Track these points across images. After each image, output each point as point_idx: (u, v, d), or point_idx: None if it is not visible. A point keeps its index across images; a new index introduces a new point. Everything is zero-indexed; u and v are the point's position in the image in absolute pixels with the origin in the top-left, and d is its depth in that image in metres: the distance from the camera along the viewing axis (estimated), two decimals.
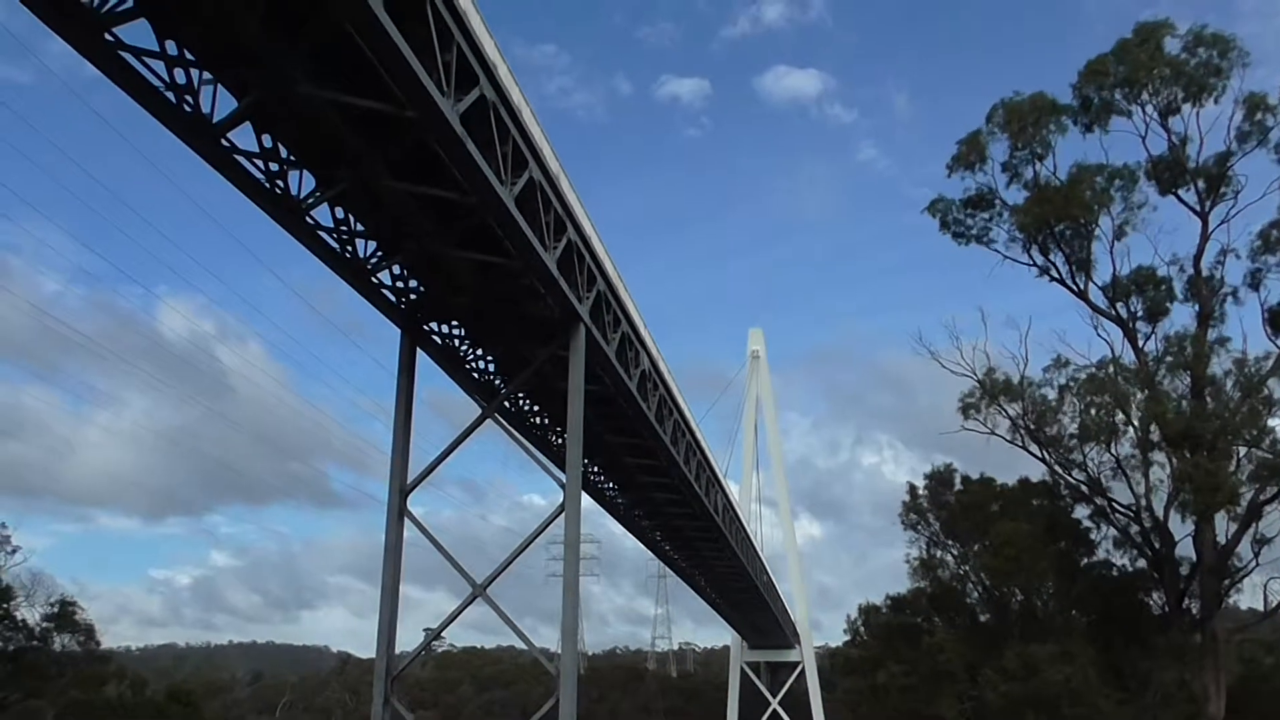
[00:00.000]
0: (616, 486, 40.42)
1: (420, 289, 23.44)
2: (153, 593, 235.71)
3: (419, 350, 24.61)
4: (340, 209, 19.67)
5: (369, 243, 20.97)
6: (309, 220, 18.96)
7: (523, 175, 18.64)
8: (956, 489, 54.09)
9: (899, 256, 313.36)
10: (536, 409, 30.87)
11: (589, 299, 23.44)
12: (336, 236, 20.03)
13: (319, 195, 18.52)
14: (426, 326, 24.75)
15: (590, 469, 36.62)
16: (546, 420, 31.30)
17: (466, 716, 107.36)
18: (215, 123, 15.73)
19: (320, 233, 19.52)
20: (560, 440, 30.61)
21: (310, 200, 18.45)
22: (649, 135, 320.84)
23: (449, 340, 25.68)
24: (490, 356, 27.12)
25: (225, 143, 16.40)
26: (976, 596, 53.34)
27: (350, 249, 20.60)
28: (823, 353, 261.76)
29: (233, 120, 16.00)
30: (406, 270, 22.76)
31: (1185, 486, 39.15)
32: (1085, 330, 45.25)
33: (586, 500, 36.89)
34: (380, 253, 21.37)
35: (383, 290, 22.64)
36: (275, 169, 17.58)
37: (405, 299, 23.49)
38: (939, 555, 54.12)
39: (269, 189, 17.69)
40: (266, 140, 17.15)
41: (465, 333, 25.81)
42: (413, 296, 23.53)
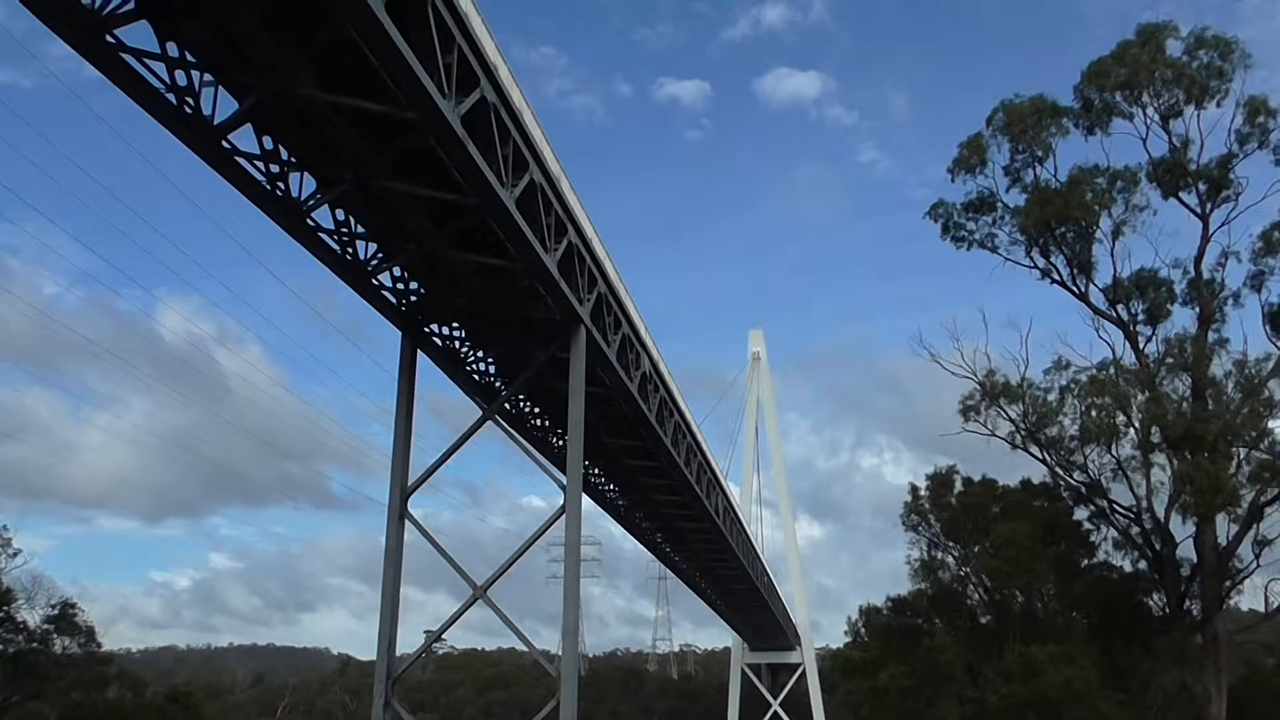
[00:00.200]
0: (617, 488, 40.39)
1: (421, 290, 23.44)
2: (153, 595, 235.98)
3: (419, 352, 24.61)
4: (341, 211, 19.70)
5: (370, 244, 20.99)
6: (310, 222, 18.98)
7: (523, 177, 18.65)
8: (957, 490, 53.98)
9: (899, 258, 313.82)
10: (537, 411, 30.86)
11: (590, 300, 23.44)
12: (337, 238, 20.04)
13: (320, 197, 18.53)
14: (427, 328, 24.75)
15: (591, 471, 36.62)
16: (547, 422, 31.29)
17: (467, 718, 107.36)
18: (216, 124, 15.72)
19: (321, 234, 19.54)
20: (561, 442, 30.59)
21: (311, 202, 18.46)
22: (649, 137, 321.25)
23: (449, 342, 25.68)
24: (491, 358, 27.12)
25: (226, 144, 16.41)
26: (977, 598, 53.21)
27: (351, 251, 20.61)
28: (823, 354, 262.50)
29: (234, 122, 16.00)
30: (407, 272, 22.78)
31: (1186, 488, 39.11)
32: (1086, 332, 45.20)
33: (587, 502, 36.92)
34: (381, 254, 21.38)
35: (383, 292, 22.65)
36: (276, 171, 17.59)
37: (406, 300, 23.49)
38: (940, 557, 53.99)
39: (270, 191, 17.70)
40: (267, 142, 17.16)
41: (466, 334, 25.81)
42: (413, 298, 23.53)
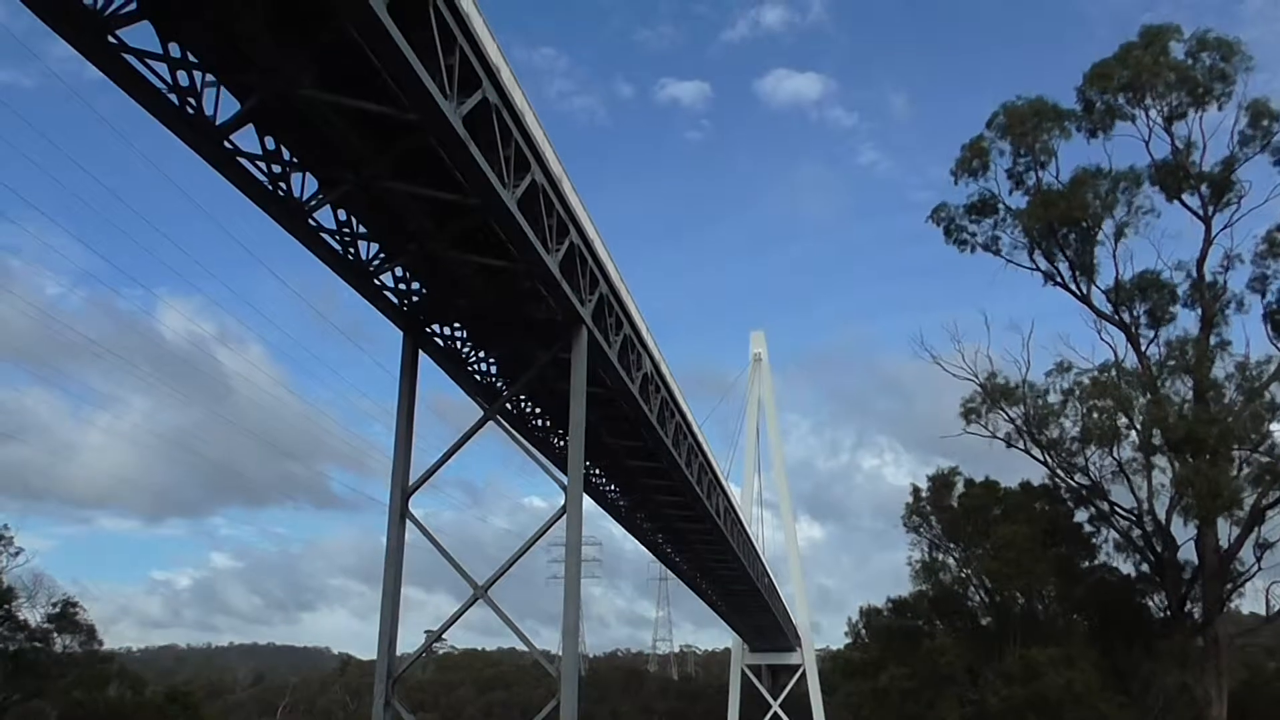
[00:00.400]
0: (618, 489, 40.40)
1: (422, 291, 23.45)
2: (153, 594, 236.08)
3: (421, 352, 24.62)
4: (343, 211, 19.71)
5: (371, 245, 21.00)
6: (311, 222, 18.99)
7: (525, 177, 18.66)
8: (958, 492, 53.95)
9: (900, 259, 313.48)
10: (538, 411, 30.87)
11: (591, 301, 23.45)
12: (339, 238, 20.05)
13: (321, 197, 18.54)
14: (428, 328, 24.76)
15: (592, 471, 36.62)
16: (548, 422, 31.29)
17: (467, 718, 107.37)
18: (218, 125, 15.73)
19: (323, 234, 19.55)
20: (562, 442, 30.60)
21: (313, 202, 18.48)
22: (649, 138, 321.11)
23: (451, 342, 25.69)
24: (492, 358, 27.12)
25: (228, 145, 16.42)
26: (978, 600, 53.16)
27: (353, 251, 20.62)
28: (823, 355, 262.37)
29: (236, 122, 16.01)
30: (409, 272, 22.79)
31: (1187, 491, 39.09)
32: (1088, 334, 45.24)
33: (588, 502, 36.92)
34: (382, 255, 21.39)
35: (385, 292, 22.66)
36: (278, 171, 17.61)
37: (407, 301, 23.49)
38: (941, 558, 53.95)
39: (272, 191, 17.71)
40: (269, 142, 17.18)
41: (467, 335, 25.81)
42: (415, 298, 23.54)
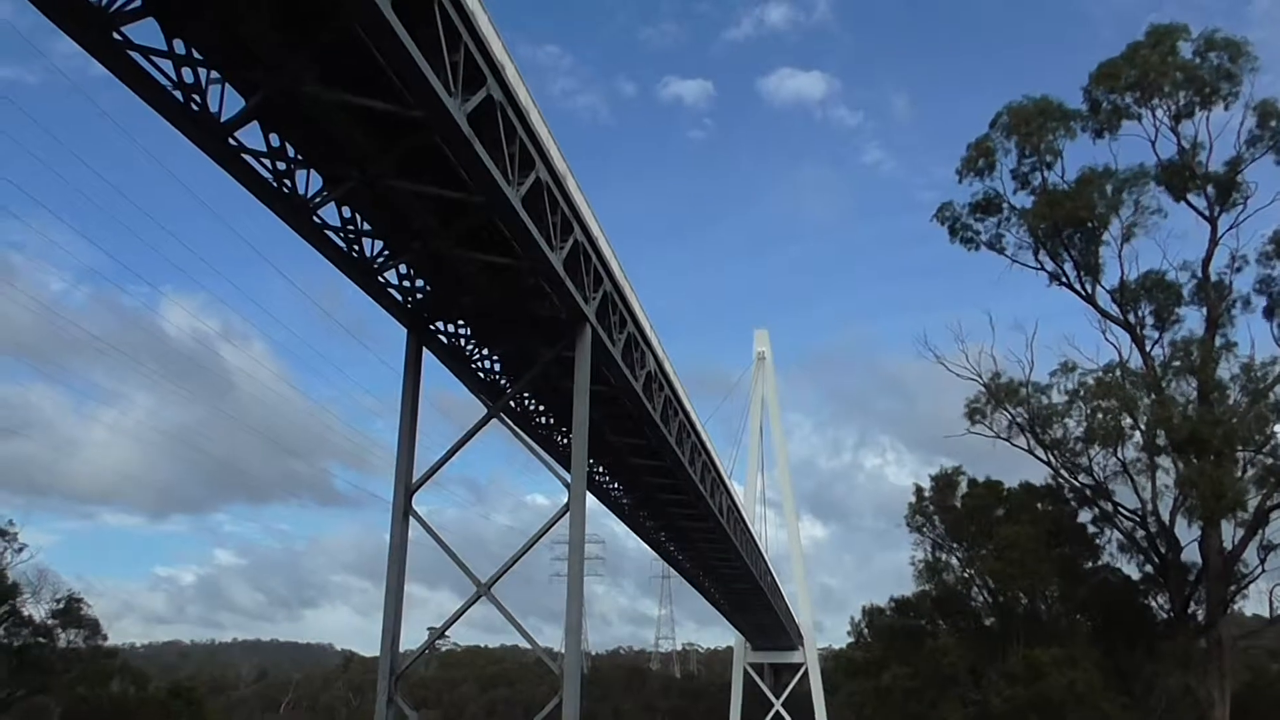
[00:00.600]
0: (621, 486, 40.42)
1: (426, 288, 23.46)
2: (157, 590, 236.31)
3: (425, 349, 24.64)
4: (347, 208, 19.72)
5: (376, 242, 21.01)
6: (316, 219, 19.00)
7: (529, 175, 18.65)
8: (961, 492, 53.93)
9: (903, 259, 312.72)
10: (542, 409, 30.90)
11: (595, 299, 23.46)
12: (343, 235, 20.06)
13: (326, 194, 18.55)
14: (432, 326, 24.77)
15: (595, 469, 36.64)
16: (551, 420, 31.32)
17: (470, 715, 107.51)
18: (223, 121, 15.74)
19: (327, 232, 19.56)
20: (565, 440, 30.62)
21: (317, 199, 18.49)
22: (652, 136, 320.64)
23: (455, 339, 25.70)
24: (496, 356, 27.14)
25: (233, 141, 16.43)
26: (981, 600, 53.17)
27: (357, 248, 20.63)
28: (825, 354, 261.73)
29: (240, 119, 16.01)
30: (413, 269, 22.80)
31: (1191, 492, 39.03)
32: (1093, 334, 45.23)
33: (591, 500, 36.93)
34: (387, 252, 21.41)
35: (389, 289, 22.67)
36: (283, 168, 17.62)
37: (411, 298, 23.51)
38: (944, 558, 53.95)
39: (276, 188, 17.72)
40: (274, 139, 17.19)
41: (471, 332, 25.83)
42: (419, 296, 23.55)
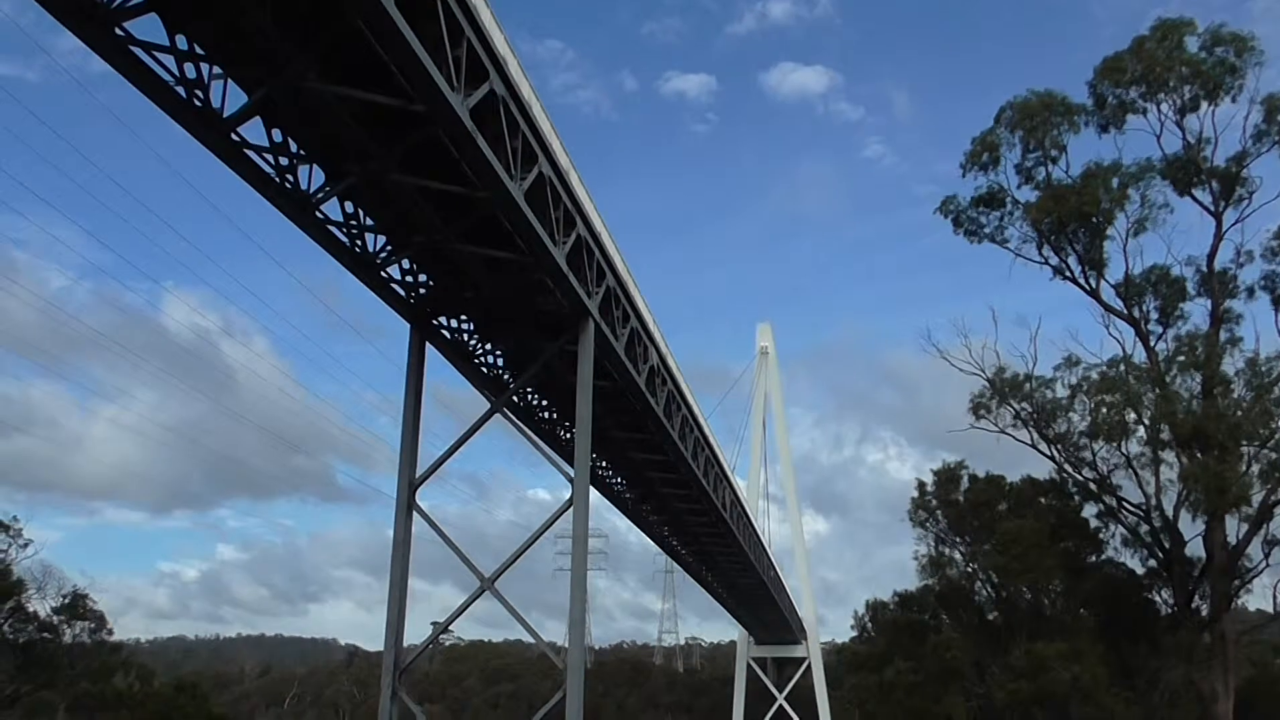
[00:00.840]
0: (624, 481, 40.41)
1: (429, 283, 23.44)
2: (160, 585, 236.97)
3: (428, 345, 24.63)
4: (350, 203, 19.69)
5: (378, 237, 20.97)
6: (318, 214, 18.98)
7: (532, 170, 18.62)
8: (964, 487, 53.95)
9: (905, 254, 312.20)
10: (545, 404, 30.88)
11: (598, 294, 23.42)
12: (346, 231, 20.04)
13: (328, 189, 18.52)
14: (435, 321, 24.75)
15: (598, 463, 36.64)
16: (555, 415, 31.30)
17: (474, 710, 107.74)
18: (225, 117, 15.70)
19: (330, 227, 19.53)
20: (568, 435, 30.62)
21: (320, 194, 18.45)
22: (655, 131, 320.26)
23: (458, 335, 25.68)
24: (499, 351, 27.12)
25: (235, 137, 16.40)
26: (985, 594, 53.21)
27: (360, 243, 20.60)
28: (827, 350, 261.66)
29: (243, 115, 15.98)
30: (416, 264, 22.76)
31: (1194, 487, 38.99)
32: (1097, 329, 45.21)
33: (594, 495, 36.88)
34: (389, 247, 21.37)
35: (392, 285, 22.64)
36: (285, 163, 17.59)
37: (414, 293, 23.49)
38: (947, 553, 54.00)
39: (279, 183, 17.69)
40: (276, 134, 17.16)
41: (474, 327, 25.81)
42: (422, 291, 23.52)
